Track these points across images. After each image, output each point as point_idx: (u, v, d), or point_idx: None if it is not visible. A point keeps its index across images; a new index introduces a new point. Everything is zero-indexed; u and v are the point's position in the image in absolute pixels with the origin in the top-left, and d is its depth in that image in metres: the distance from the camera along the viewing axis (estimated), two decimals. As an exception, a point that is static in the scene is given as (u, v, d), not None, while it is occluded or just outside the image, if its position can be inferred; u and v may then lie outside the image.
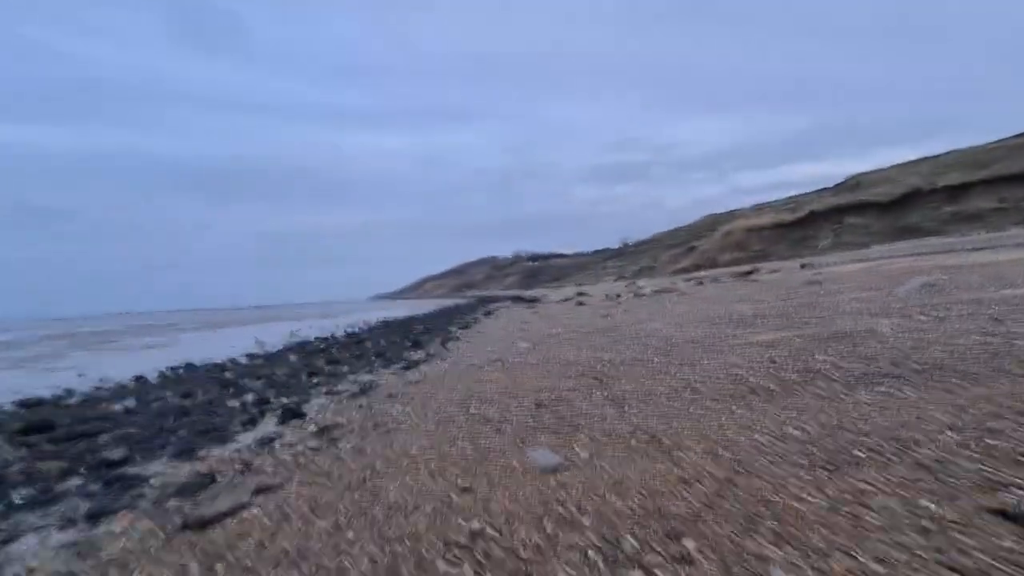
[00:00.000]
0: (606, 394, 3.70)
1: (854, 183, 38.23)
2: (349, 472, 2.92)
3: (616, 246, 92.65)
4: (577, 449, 2.63)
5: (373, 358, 10.33)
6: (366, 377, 7.67)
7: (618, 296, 19.60)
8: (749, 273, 18.19)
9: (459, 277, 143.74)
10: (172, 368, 11.59)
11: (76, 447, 4.77)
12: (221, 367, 10.97)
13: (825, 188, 47.29)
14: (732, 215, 53.66)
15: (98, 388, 9.23)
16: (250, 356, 13.48)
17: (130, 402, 7.38)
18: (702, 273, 25.56)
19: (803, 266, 16.18)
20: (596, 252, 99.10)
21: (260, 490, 2.83)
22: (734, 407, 2.91)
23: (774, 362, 3.77)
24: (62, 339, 27.03)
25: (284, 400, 6.37)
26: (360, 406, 5.06)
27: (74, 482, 3.73)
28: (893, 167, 39.87)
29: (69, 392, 8.99)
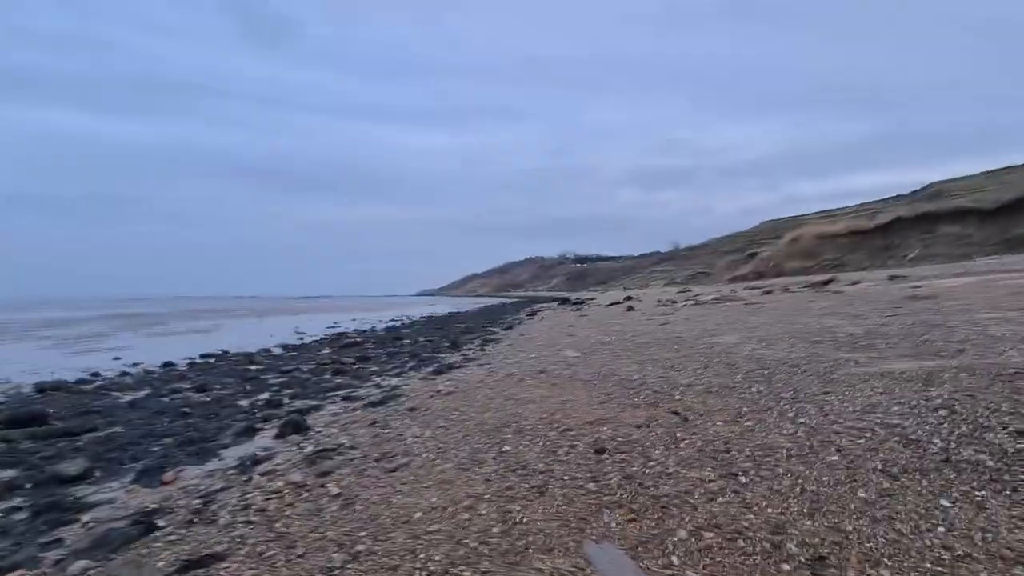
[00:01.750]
0: (698, 443, 2.59)
1: (934, 191, 34.54)
2: (319, 546, 1.97)
3: (665, 250, 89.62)
4: (676, 560, 1.56)
5: (406, 358, 9.52)
6: (392, 380, 6.83)
7: (672, 302, 18.11)
8: (826, 283, 16.28)
9: (504, 276, 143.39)
10: (204, 356, 11.24)
11: (50, 449, 4.11)
12: (250, 358, 10.47)
13: (900, 196, 43.12)
14: (796, 221, 50.36)
15: (123, 374, 8.86)
16: (284, 347, 13.07)
17: (143, 393, 6.85)
18: (767, 282, 23.52)
19: (892, 278, 14.18)
20: (644, 256, 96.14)
21: (186, 567, 1.91)
22: (939, 497, 1.75)
23: (955, 412, 2.54)
24: (117, 319, 28.10)
25: (296, 404, 5.60)
26: (373, 422, 4.14)
27: (9, 503, 3.00)
28: (981, 174, 35.78)
29: (95, 376, 8.67)
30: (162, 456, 3.72)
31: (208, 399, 6.18)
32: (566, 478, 2.31)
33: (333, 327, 21.06)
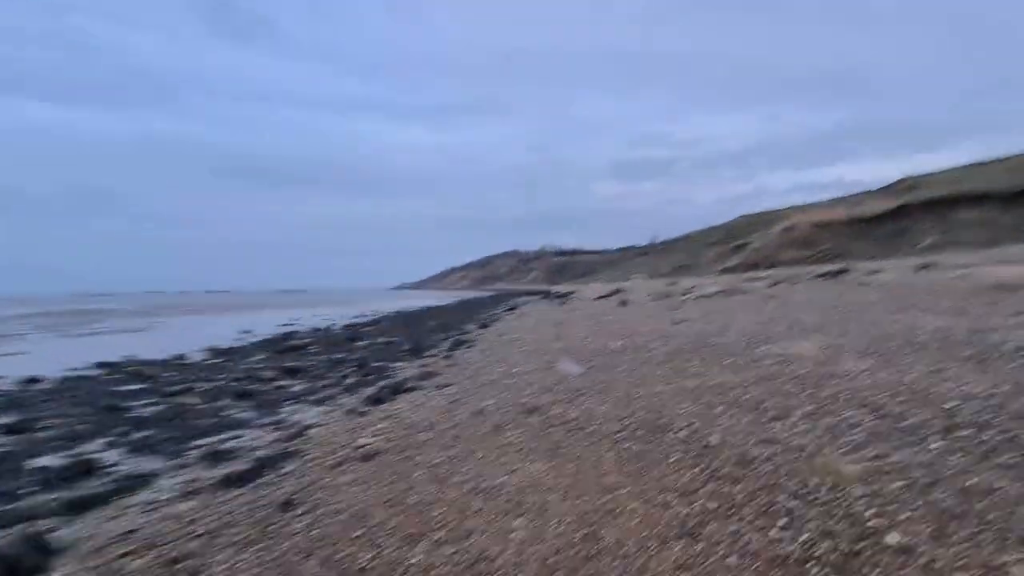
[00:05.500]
0: None
1: (909, 184, 33.58)
2: None
3: (643, 243, 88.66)
4: None
5: (350, 369, 7.28)
6: (308, 413, 4.61)
7: (668, 295, 16.20)
8: (840, 273, 14.52)
9: (483, 269, 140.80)
10: (100, 365, 8.79)
11: None
12: (144, 370, 8.03)
13: (872, 190, 42.20)
14: (775, 214, 49.35)
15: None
16: (212, 351, 10.62)
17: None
18: (763, 272, 21.81)
19: (923, 266, 12.49)
20: (623, 249, 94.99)
21: None
22: None
23: None
24: (50, 317, 25.01)
25: (123, 469, 3.34)
26: (174, 561, 1.93)
27: None
28: (957, 168, 35.04)
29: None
30: None
31: (-2, 453, 3.86)
32: None
33: (288, 324, 18.59)
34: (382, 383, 5.82)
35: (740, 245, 37.57)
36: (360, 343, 11.17)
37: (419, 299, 47.25)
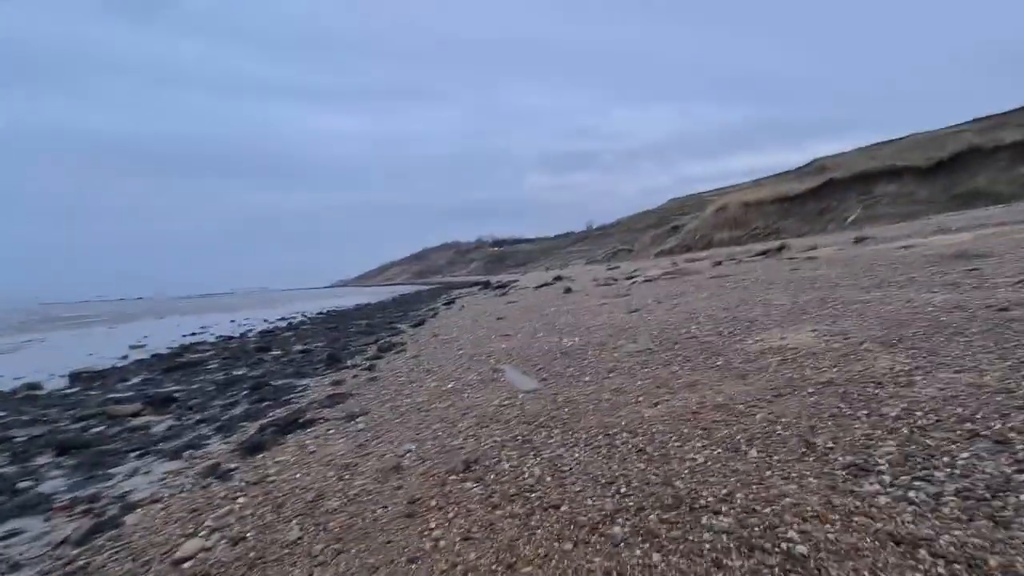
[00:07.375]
0: None
1: (819, 167, 35.60)
2: None
3: (579, 230, 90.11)
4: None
5: (242, 393, 5.83)
6: (147, 477, 3.22)
7: (613, 280, 15.56)
8: (779, 250, 14.42)
9: (421, 262, 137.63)
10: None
11: None
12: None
13: (787, 171, 44.66)
14: (704, 196, 51.14)
15: None
16: (78, 375, 8.62)
17: None
18: (701, 253, 21.85)
19: (859, 240, 12.52)
20: (560, 236, 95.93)
21: None
22: None
23: None
24: None
25: None
26: None
27: None
28: (855, 150, 37.70)
29: None
30: None
31: None
32: None
33: (195, 333, 16.40)
34: (275, 413, 4.46)
35: (675, 227, 38.22)
36: (271, 353, 9.55)
37: (353, 297, 44.63)
